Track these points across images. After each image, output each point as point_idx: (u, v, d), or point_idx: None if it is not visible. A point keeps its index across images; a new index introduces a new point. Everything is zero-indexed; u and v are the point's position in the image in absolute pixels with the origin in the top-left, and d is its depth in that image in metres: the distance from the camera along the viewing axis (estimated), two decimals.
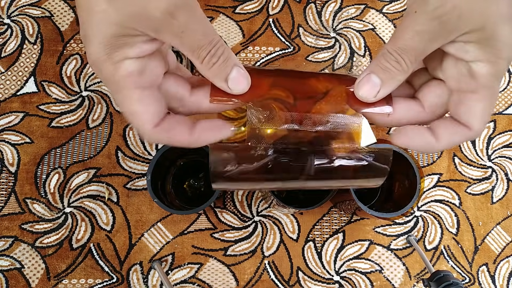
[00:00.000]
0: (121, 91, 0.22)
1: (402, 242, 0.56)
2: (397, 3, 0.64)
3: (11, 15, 0.60)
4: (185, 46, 0.22)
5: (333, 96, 0.25)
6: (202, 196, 0.56)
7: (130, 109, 0.22)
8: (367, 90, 0.24)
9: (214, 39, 0.22)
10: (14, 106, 0.57)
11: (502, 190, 0.58)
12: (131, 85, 0.22)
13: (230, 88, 0.24)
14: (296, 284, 0.54)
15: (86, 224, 0.54)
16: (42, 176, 0.55)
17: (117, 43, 0.21)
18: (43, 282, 0.53)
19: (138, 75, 0.22)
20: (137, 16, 0.20)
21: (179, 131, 0.23)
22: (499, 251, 0.56)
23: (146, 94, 0.22)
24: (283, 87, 0.25)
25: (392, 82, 0.24)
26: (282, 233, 0.56)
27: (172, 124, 0.23)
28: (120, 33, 0.20)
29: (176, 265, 0.54)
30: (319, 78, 0.26)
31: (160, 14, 0.20)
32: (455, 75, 0.23)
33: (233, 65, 0.23)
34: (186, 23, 0.21)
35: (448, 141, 0.24)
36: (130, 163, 0.57)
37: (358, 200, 0.44)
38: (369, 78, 0.24)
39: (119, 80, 0.22)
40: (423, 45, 0.22)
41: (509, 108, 0.61)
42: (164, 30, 0.21)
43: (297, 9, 0.63)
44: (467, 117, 0.23)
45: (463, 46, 0.22)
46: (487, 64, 0.22)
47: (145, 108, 0.22)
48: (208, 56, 0.22)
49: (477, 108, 0.23)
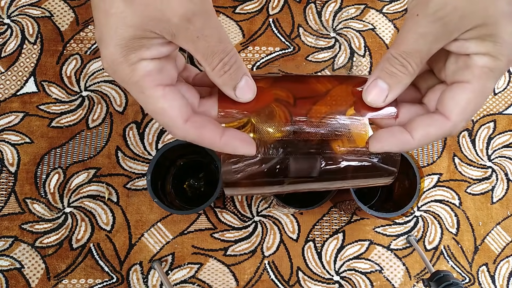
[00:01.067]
0: (143, 91, 0.22)
1: (402, 242, 0.56)
2: (397, 3, 0.64)
3: (11, 15, 0.60)
4: (198, 51, 0.22)
5: (337, 98, 0.25)
6: (202, 196, 0.56)
7: (156, 108, 0.22)
8: (375, 96, 0.24)
9: (228, 47, 0.22)
10: (14, 106, 0.57)
11: (502, 190, 0.58)
12: (152, 84, 0.22)
13: (237, 96, 0.24)
14: (296, 284, 0.54)
15: (86, 224, 0.54)
16: (42, 176, 0.55)
17: (134, 45, 0.21)
18: (43, 282, 0.53)
19: (157, 73, 0.22)
20: (155, 19, 0.20)
21: (210, 130, 0.23)
22: (499, 251, 0.56)
23: (168, 90, 0.22)
24: (287, 91, 0.25)
25: (399, 86, 0.24)
26: (282, 233, 0.56)
27: (204, 121, 0.23)
28: (137, 35, 0.21)
29: (176, 265, 0.54)
30: (322, 81, 0.26)
31: (178, 19, 0.20)
32: (454, 69, 0.23)
33: (242, 74, 0.24)
34: (201, 29, 0.21)
35: (423, 134, 0.23)
36: (130, 163, 0.56)
37: (358, 200, 0.44)
38: (376, 83, 0.24)
39: (138, 80, 0.22)
40: (427, 46, 0.22)
41: (509, 108, 0.61)
42: (180, 35, 0.21)
43: (297, 9, 0.63)
44: (448, 105, 0.23)
45: (465, 43, 0.22)
46: (485, 57, 0.22)
47: (172, 103, 0.22)
48: (220, 63, 0.22)
49: (461, 97, 0.22)
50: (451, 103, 0.23)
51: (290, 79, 0.26)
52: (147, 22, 0.20)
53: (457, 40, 0.22)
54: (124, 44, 0.21)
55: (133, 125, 0.58)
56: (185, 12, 0.20)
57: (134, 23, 0.20)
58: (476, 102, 0.22)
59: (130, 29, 0.20)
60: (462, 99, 0.22)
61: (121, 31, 0.20)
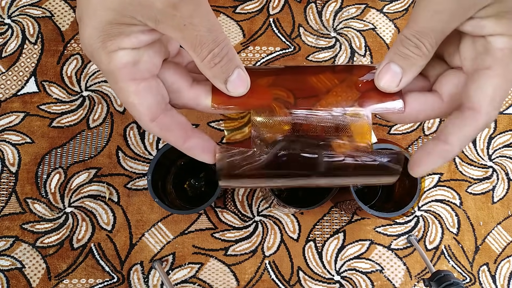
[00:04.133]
0: (116, 82, 0.21)
1: (402, 242, 0.56)
2: (397, 3, 0.64)
3: (11, 15, 0.60)
4: (186, 41, 0.21)
5: (340, 94, 0.25)
6: (203, 196, 0.56)
7: (127, 101, 0.22)
8: (388, 80, 0.23)
9: (219, 37, 0.21)
10: (14, 106, 0.57)
11: (503, 190, 0.58)
12: (126, 77, 0.21)
13: (229, 90, 0.23)
14: (296, 284, 0.54)
15: (86, 224, 0.54)
16: (43, 176, 0.55)
17: (112, 31, 0.20)
18: (44, 282, 0.53)
19: (133, 66, 0.21)
20: (137, 4, 0.19)
21: (174, 135, 0.23)
22: (500, 250, 0.56)
23: (142, 86, 0.22)
24: (284, 87, 0.25)
25: (413, 68, 0.22)
26: (283, 233, 0.56)
27: (171, 125, 0.23)
28: (116, 20, 0.19)
29: (176, 265, 0.54)
30: (321, 75, 0.26)
31: (162, 5, 0.19)
32: (472, 55, 0.22)
33: (235, 67, 0.22)
34: (189, 16, 0.19)
35: (460, 137, 0.21)
36: (131, 163, 0.57)
37: (358, 200, 0.44)
38: (388, 67, 0.22)
39: (114, 71, 0.21)
40: (442, 25, 0.21)
41: (509, 107, 0.61)
42: (164, 22, 0.20)
43: (297, 9, 0.63)
44: (476, 97, 0.21)
45: (480, 22, 0.21)
46: (504, 38, 0.20)
47: (142, 101, 0.22)
48: (210, 55, 0.21)
49: (487, 85, 0.21)
50: (479, 94, 0.21)
51: (289, 73, 0.25)
52: (128, 6, 0.19)
53: (472, 18, 0.21)
54: (102, 28, 0.20)
55: (133, 125, 0.58)
56: None
57: (115, 6, 0.19)
58: (503, 87, 0.21)
59: (109, 12, 0.19)
60: (489, 87, 0.21)
61: (101, 13, 0.19)
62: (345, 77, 0.25)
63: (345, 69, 0.26)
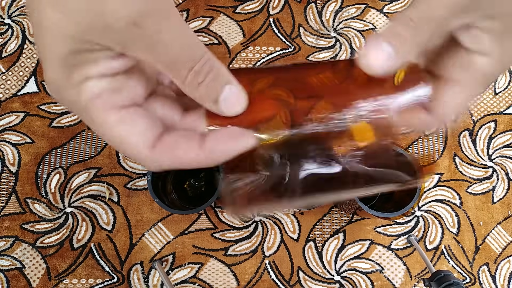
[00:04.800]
0: (92, 118, 0.18)
1: (402, 242, 0.56)
2: (397, 3, 0.64)
3: (11, 15, 0.60)
4: (159, 62, 0.17)
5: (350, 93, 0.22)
6: (203, 196, 0.56)
7: (113, 137, 0.18)
8: (374, 58, 0.19)
9: (196, 53, 0.18)
10: (14, 106, 0.57)
11: (503, 190, 0.58)
12: (101, 107, 0.18)
13: (223, 111, 0.19)
14: (296, 284, 0.54)
15: (87, 224, 0.54)
16: (43, 176, 0.55)
17: (75, 61, 0.17)
18: (44, 282, 0.53)
19: (110, 94, 0.18)
20: (95, 26, 0.16)
21: (186, 147, 0.18)
22: (500, 251, 0.56)
23: (125, 112, 0.18)
24: (284, 87, 0.22)
25: (406, 48, 0.19)
26: (283, 233, 0.56)
27: (176, 139, 0.19)
28: (78, 48, 0.16)
29: (176, 265, 0.54)
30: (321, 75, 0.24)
31: (121, 24, 0.16)
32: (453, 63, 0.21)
33: (224, 83, 0.19)
34: (157, 32, 0.16)
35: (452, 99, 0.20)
36: (131, 163, 0.57)
37: (358, 200, 0.44)
38: (377, 43, 0.19)
39: (86, 104, 0.17)
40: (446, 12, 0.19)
41: (509, 108, 0.61)
42: (129, 44, 0.17)
43: (297, 9, 0.63)
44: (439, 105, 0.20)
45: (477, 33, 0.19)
46: (489, 58, 0.19)
47: (130, 129, 0.18)
48: (191, 74, 0.18)
49: (452, 99, 0.20)
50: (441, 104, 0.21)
51: (289, 77, 0.23)
52: (87, 30, 0.16)
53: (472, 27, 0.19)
54: (63, 62, 0.17)
55: None
56: (129, 14, 0.16)
57: (72, 32, 0.16)
58: (466, 102, 0.21)
59: (68, 40, 0.16)
60: (452, 101, 0.21)
61: (59, 44, 0.16)
62: (349, 74, 0.23)
63: (348, 64, 0.23)
